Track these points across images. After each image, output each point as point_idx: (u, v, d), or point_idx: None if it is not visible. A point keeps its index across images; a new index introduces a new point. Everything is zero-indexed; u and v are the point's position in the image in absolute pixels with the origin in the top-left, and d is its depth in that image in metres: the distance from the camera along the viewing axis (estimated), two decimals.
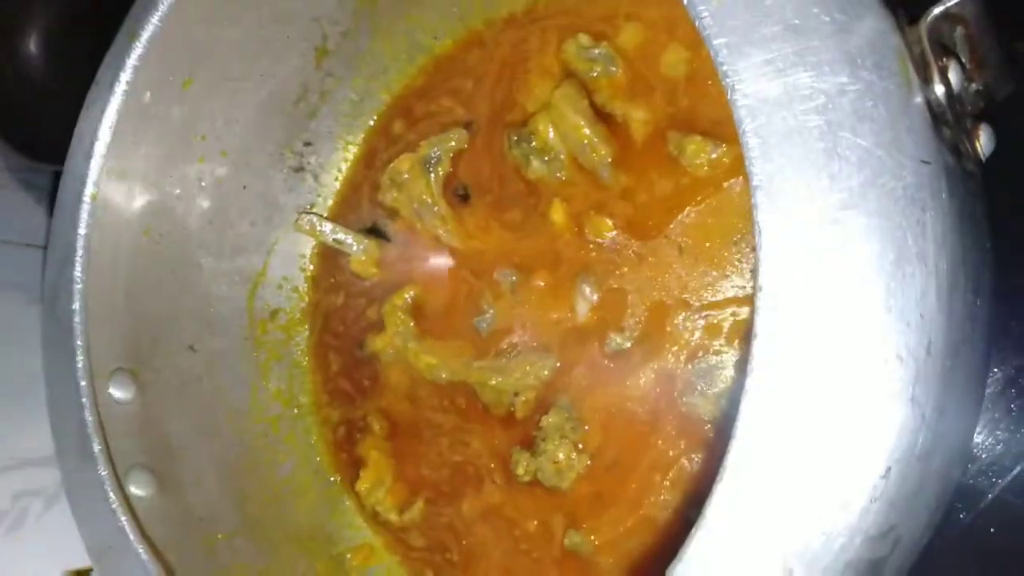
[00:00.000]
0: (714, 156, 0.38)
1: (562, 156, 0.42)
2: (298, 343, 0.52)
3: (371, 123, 0.51)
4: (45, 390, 0.38)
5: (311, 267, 0.52)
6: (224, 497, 0.45)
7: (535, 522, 0.43)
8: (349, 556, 0.48)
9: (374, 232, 0.50)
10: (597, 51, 0.42)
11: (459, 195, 0.47)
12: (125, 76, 0.37)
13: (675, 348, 0.39)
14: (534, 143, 0.43)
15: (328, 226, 0.50)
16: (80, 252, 0.37)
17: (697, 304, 0.39)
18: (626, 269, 0.40)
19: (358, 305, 0.51)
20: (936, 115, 0.23)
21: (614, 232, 0.40)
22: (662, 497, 0.38)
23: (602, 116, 0.42)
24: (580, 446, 0.41)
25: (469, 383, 0.45)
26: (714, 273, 0.38)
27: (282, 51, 0.45)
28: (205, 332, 0.47)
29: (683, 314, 0.39)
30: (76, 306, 0.37)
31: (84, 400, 0.36)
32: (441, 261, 0.47)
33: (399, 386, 0.49)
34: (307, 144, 0.50)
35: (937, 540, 0.38)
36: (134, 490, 0.39)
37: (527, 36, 0.44)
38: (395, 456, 0.48)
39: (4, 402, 0.51)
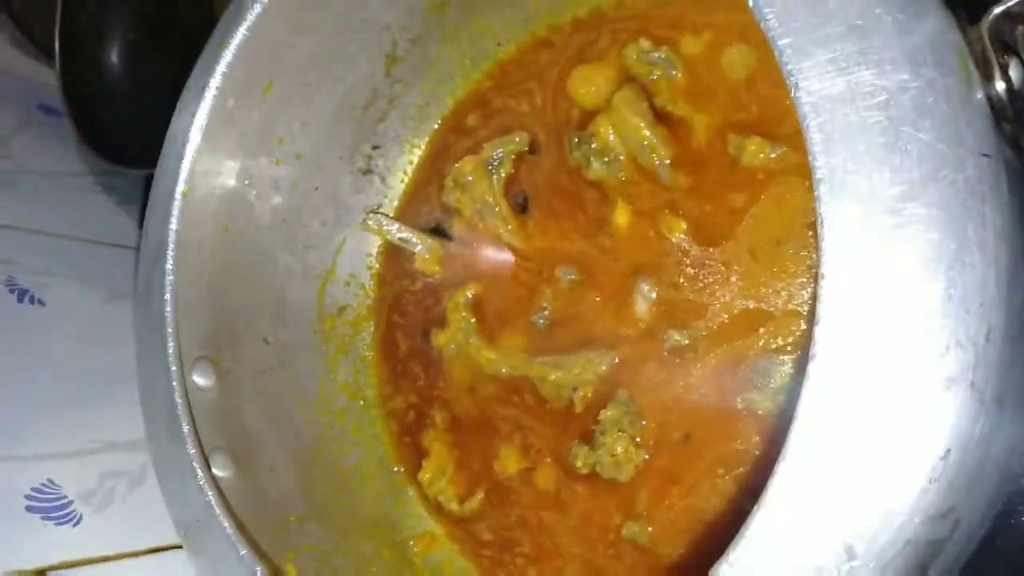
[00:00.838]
0: (774, 156, 0.39)
1: (622, 157, 0.44)
2: (364, 338, 0.54)
3: (436, 126, 0.53)
4: (137, 375, 0.41)
5: (377, 265, 0.54)
6: (295, 483, 0.47)
7: (593, 513, 0.44)
8: (412, 543, 0.50)
9: (437, 232, 0.52)
10: (657, 55, 0.43)
11: (519, 204, 0.48)
12: (214, 82, 0.40)
13: (733, 344, 0.40)
14: (594, 145, 0.44)
15: (394, 226, 0.52)
16: (172, 246, 0.39)
17: (756, 301, 0.39)
18: (686, 267, 0.41)
19: (422, 302, 0.53)
20: (997, 111, 0.24)
21: (685, 233, 0.41)
22: (719, 488, 0.39)
23: (662, 118, 0.43)
24: (638, 440, 0.42)
25: (529, 378, 0.47)
26: (773, 270, 0.39)
27: (354, 58, 0.47)
28: (278, 325, 0.50)
29: (741, 310, 0.40)
30: (168, 296, 0.39)
31: (174, 384, 0.39)
32: (502, 259, 0.49)
33: (461, 380, 0.50)
34: (375, 147, 0.52)
35: (999, 541, 0.38)
36: (215, 471, 0.41)
37: (591, 41, 0.46)
38: (457, 447, 0.50)
39: (91, 392, 0.54)
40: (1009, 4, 0.23)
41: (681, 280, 0.42)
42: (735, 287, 0.40)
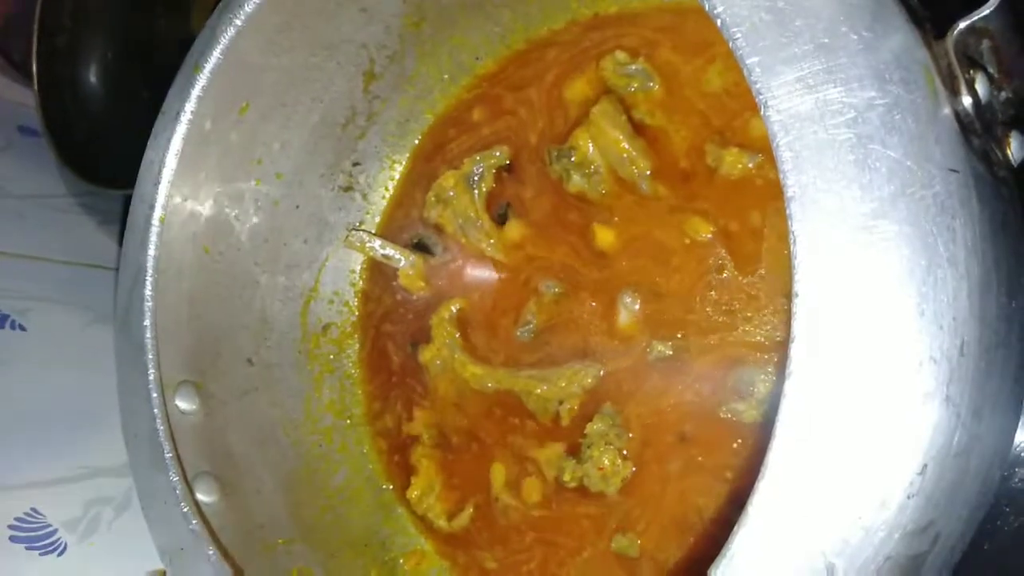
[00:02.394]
0: (751, 165, 0.39)
1: (602, 170, 0.44)
2: (349, 356, 0.54)
3: (416, 142, 0.53)
4: (119, 402, 0.41)
5: (360, 282, 0.54)
6: (282, 504, 0.47)
7: (582, 527, 0.44)
8: (402, 561, 0.50)
9: (421, 247, 0.52)
10: (634, 67, 0.43)
11: (498, 215, 0.48)
12: (190, 106, 0.40)
13: (717, 354, 0.40)
14: (574, 158, 0.44)
15: (377, 242, 0.52)
16: (150, 272, 0.39)
17: (741, 310, 0.39)
18: (673, 281, 0.41)
19: (406, 318, 0.52)
20: (964, 125, 0.24)
21: (711, 234, 0.40)
22: (705, 499, 0.39)
23: (640, 130, 0.43)
24: (624, 452, 0.42)
25: (515, 392, 0.46)
26: (757, 279, 0.39)
27: (332, 76, 0.47)
28: (261, 346, 0.49)
29: (725, 318, 0.40)
30: (147, 323, 0.39)
31: (156, 411, 0.38)
32: (485, 274, 0.49)
33: (447, 396, 0.50)
34: (356, 164, 0.52)
35: (987, 543, 0.38)
36: (200, 496, 0.41)
37: (567, 54, 0.46)
38: (444, 464, 0.50)
39: (75, 417, 0.53)
40: (973, 19, 0.23)
41: (665, 290, 0.42)
42: (725, 293, 0.40)
